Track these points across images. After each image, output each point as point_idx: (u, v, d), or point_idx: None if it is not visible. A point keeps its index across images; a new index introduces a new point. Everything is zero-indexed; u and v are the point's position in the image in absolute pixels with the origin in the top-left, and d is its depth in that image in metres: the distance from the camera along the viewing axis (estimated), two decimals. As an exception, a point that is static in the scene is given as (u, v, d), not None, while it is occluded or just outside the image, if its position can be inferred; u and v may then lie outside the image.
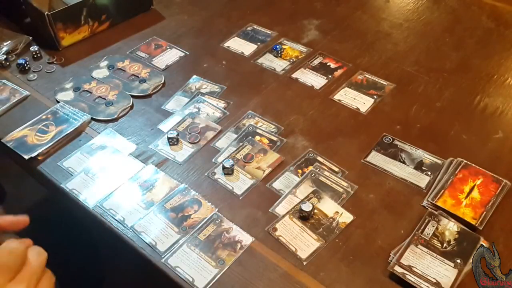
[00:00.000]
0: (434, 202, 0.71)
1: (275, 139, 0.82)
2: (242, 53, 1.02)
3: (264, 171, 0.76)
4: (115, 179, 0.76)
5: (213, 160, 0.79)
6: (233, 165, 0.75)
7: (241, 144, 0.80)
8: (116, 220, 0.70)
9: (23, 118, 0.86)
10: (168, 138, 0.81)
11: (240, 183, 0.75)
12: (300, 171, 0.77)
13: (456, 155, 0.78)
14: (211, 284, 0.63)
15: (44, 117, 0.86)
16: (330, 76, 0.95)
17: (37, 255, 0.49)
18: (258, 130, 0.83)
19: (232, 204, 0.72)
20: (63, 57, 1.00)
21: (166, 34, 1.07)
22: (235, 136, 0.82)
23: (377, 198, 0.73)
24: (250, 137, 0.82)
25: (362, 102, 0.90)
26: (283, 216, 0.70)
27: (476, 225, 0.68)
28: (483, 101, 0.90)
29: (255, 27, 1.09)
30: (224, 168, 0.75)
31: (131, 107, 0.89)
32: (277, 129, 0.84)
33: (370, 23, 1.11)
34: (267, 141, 0.81)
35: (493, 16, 1.11)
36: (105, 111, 0.87)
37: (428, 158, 0.79)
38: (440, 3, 1.16)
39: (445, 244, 0.66)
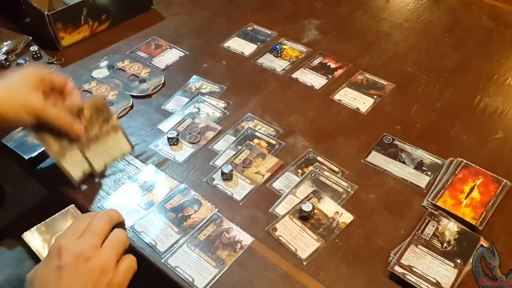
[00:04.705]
0: (434, 202, 0.71)
1: (273, 142, 0.82)
2: (242, 53, 1.02)
3: (263, 175, 0.76)
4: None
5: (211, 163, 0.78)
6: (232, 170, 0.75)
7: (239, 148, 0.80)
8: (116, 220, 0.70)
9: (23, 118, 0.86)
10: (168, 138, 0.81)
11: (239, 189, 0.74)
12: (300, 171, 0.77)
13: (456, 155, 0.78)
14: (211, 284, 0.63)
15: (44, 117, 0.86)
16: (330, 76, 0.95)
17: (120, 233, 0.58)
18: (256, 133, 0.83)
19: (232, 204, 0.72)
20: (63, 57, 1.00)
21: (166, 34, 1.07)
22: (234, 139, 0.82)
23: (377, 198, 0.73)
24: (248, 141, 0.81)
25: (362, 102, 0.90)
26: (283, 216, 0.70)
27: (476, 225, 0.68)
28: (483, 101, 0.90)
29: (255, 27, 1.09)
30: (223, 173, 0.75)
31: (131, 107, 0.89)
32: (276, 132, 0.84)
33: (370, 23, 1.11)
34: (266, 145, 0.81)
35: (493, 16, 1.11)
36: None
37: (428, 158, 0.79)
38: (440, 3, 1.16)
39: (445, 244, 0.66)
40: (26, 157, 0.78)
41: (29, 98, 0.66)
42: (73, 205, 0.66)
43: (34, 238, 0.61)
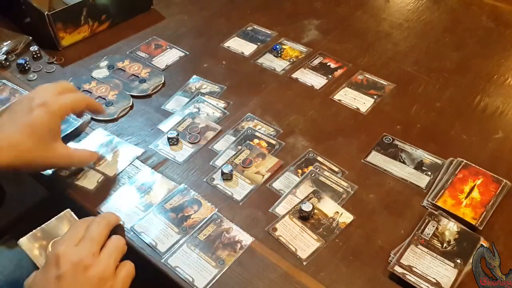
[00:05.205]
0: (434, 202, 0.71)
1: (273, 142, 0.82)
2: (242, 53, 1.02)
3: (263, 175, 0.76)
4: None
5: (211, 163, 0.78)
6: (232, 170, 0.75)
7: (239, 148, 0.80)
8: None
9: (23, 118, 0.86)
10: (168, 138, 0.81)
11: (239, 189, 0.74)
12: (300, 171, 0.77)
13: (456, 155, 0.78)
14: (211, 284, 0.63)
15: (44, 117, 0.86)
16: (330, 76, 0.95)
17: (118, 240, 0.59)
18: (256, 133, 0.83)
19: (232, 204, 0.72)
20: (63, 57, 1.00)
21: (166, 34, 1.07)
22: (234, 139, 0.82)
23: (377, 198, 0.73)
24: (248, 141, 0.81)
25: (362, 102, 0.90)
26: (283, 216, 0.70)
27: (476, 225, 0.68)
28: (483, 101, 0.90)
29: (255, 27, 1.09)
30: (223, 173, 0.75)
31: (131, 107, 0.89)
32: (276, 132, 0.84)
33: (370, 23, 1.11)
34: (266, 145, 0.81)
35: (493, 16, 1.11)
36: (105, 111, 0.87)
37: (428, 158, 0.79)
38: (440, 3, 1.16)
39: (445, 244, 0.66)
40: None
41: (57, 155, 0.68)
42: (69, 209, 0.65)
43: (30, 244, 0.60)
